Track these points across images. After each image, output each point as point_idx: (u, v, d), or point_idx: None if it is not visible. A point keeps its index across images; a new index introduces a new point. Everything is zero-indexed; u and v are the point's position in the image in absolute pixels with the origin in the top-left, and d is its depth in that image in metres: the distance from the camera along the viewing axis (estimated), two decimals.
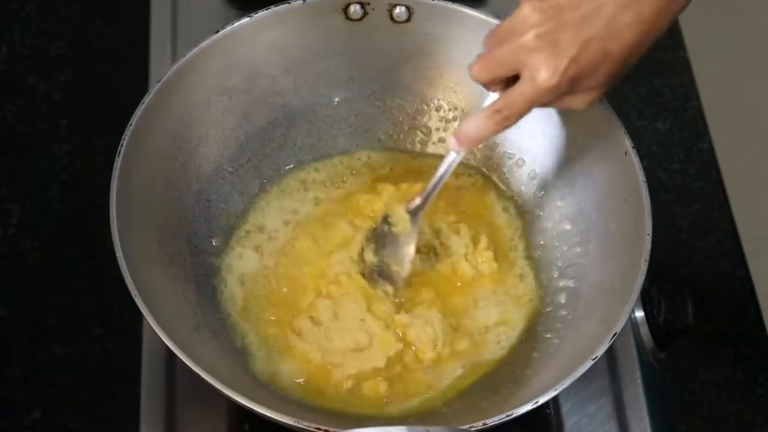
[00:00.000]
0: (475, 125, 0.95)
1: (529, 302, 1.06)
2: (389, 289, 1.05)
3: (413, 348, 1.02)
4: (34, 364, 1.11)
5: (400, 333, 1.02)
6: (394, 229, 1.05)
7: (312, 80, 1.11)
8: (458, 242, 1.07)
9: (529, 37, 0.90)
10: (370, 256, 1.05)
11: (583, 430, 1.03)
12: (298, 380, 1.00)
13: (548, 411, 1.01)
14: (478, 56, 0.94)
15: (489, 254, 1.07)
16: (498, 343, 1.03)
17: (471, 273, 1.06)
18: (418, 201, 1.04)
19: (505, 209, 1.11)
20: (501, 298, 1.06)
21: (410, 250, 1.05)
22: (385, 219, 1.05)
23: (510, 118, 0.94)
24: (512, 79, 0.93)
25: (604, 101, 1.04)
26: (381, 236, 1.05)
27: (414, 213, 1.04)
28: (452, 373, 1.01)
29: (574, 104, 0.95)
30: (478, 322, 1.04)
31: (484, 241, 1.07)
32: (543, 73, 0.90)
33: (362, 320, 1.02)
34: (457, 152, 0.99)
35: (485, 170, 1.13)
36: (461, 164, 1.05)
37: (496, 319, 1.04)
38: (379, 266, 1.05)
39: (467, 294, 1.06)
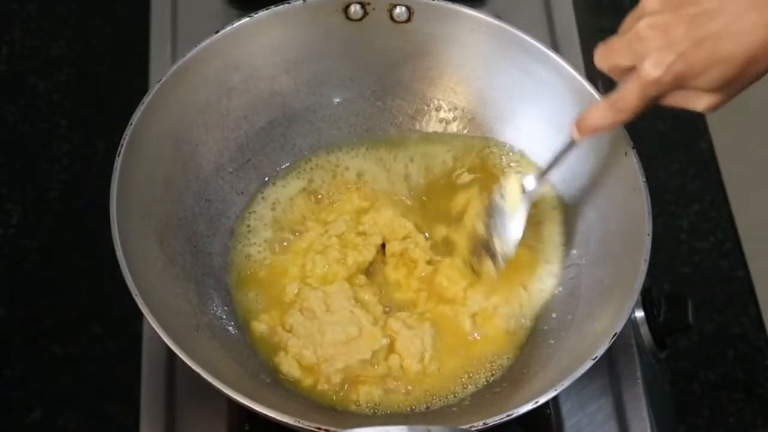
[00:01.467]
0: (594, 115, 0.95)
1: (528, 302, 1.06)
2: (490, 265, 1.03)
3: (399, 357, 1.02)
4: (34, 364, 1.11)
5: (389, 335, 1.02)
6: (504, 204, 1.03)
7: (312, 80, 1.11)
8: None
9: (643, 24, 0.88)
10: (480, 228, 1.04)
11: (583, 430, 1.03)
12: (292, 376, 1.00)
13: (548, 411, 1.01)
14: (602, 43, 0.92)
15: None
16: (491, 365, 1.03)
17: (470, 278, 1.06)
18: (532, 180, 1.02)
19: None
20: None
21: (518, 228, 1.02)
22: (500, 190, 1.04)
23: (624, 110, 0.92)
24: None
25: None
26: (492, 209, 1.04)
27: (525, 190, 1.03)
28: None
29: (692, 105, 0.91)
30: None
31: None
32: (647, 63, 0.87)
33: (351, 312, 1.02)
34: (577, 140, 0.98)
35: (486, 174, 1.13)
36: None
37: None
38: (486, 240, 1.03)
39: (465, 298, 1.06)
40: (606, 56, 0.92)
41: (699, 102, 0.90)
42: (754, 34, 0.84)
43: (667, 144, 1.28)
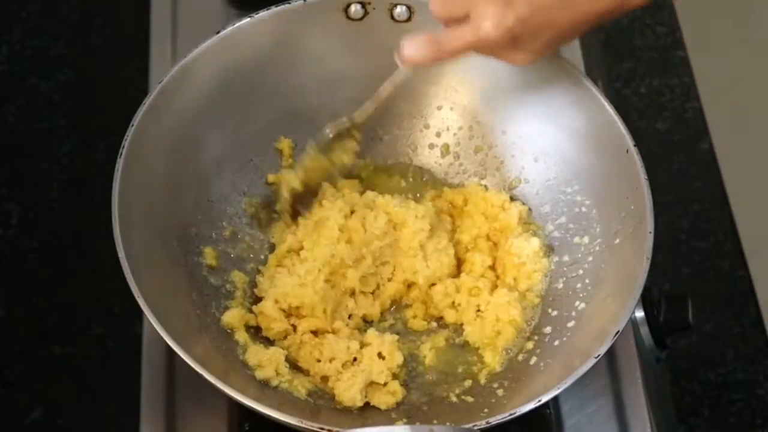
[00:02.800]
0: (413, 47, 0.97)
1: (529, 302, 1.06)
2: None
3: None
4: (34, 364, 1.11)
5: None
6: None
7: (313, 80, 1.11)
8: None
9: None
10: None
11: (583, 430, 1.03)
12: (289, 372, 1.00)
13: (548, 411, 1.01)
14: None
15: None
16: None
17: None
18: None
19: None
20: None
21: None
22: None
23: (445, 52, 0.95)
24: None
25: (605, 99, 1.04)
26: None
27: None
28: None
29: (511, 59, 0.95)
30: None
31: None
32: (487, 23, 0.91)
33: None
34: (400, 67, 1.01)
35: (485, 173, 1.13)
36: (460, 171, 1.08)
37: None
38: None
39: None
40: (443, 6, 0.95)
41: (517, 58, 0.95)
42: (582, 7, 0.91)
43: (667, 144, 1.28)
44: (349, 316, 1.05)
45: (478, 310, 1.05)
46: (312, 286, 1.03)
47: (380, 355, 1.01)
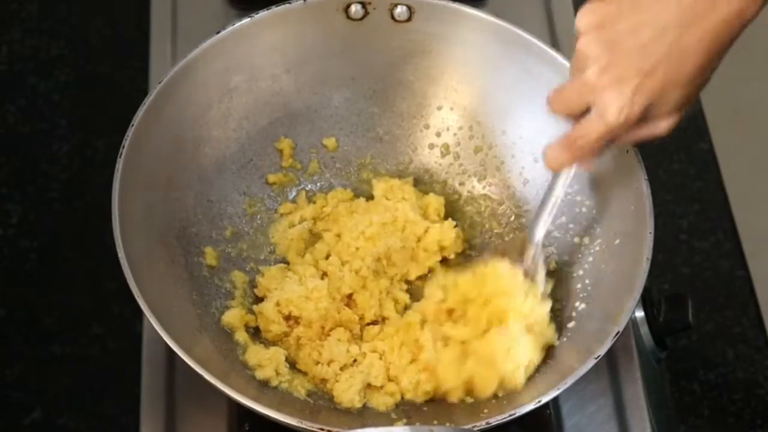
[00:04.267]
0: (553, 154, 0.95)
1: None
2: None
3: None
4: (34, 364, 1.11)
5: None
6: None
7: (313, 80, 1.11)
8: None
9: (590, 73, 0.88)
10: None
11: (583, 430, 1.03)
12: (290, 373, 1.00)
13: (548, 411, 1.01)
14: (554, 89, 0.93)
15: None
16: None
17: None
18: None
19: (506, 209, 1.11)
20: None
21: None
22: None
23: (584, 148, 0.92)
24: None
25: None
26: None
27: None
28: None
29: (656, 132, 0.92)
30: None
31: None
32: (611, 110, 0.88)
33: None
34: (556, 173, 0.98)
35: (485, 173, 1.13)
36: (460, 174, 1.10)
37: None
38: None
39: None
40: (561, 104, 0.93)
41: (659, 128, 0.91)
42: (696, 54, 0.86)
43: (667, 144, 1.28)
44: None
45: None
46: (315, 303, 1.03)
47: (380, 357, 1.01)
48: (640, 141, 0.94)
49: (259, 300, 1.05)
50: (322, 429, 0.89)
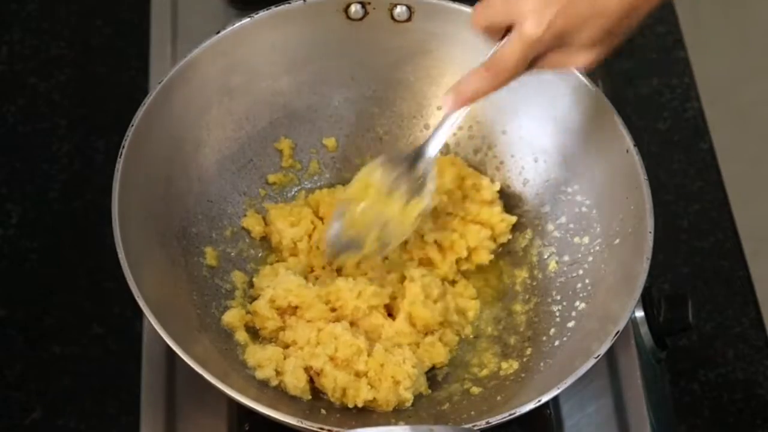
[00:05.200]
0: (468, 82, 0.94)
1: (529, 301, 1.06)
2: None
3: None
4: (34, 364, 1.11)
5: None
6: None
7: (313, 80, 1.11)
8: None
9: None
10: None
11: (583, 430, 1.03)
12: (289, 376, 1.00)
13: (548, 411, 1.01)
14: (478, 3, 0.93)
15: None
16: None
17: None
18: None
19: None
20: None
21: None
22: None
23: (501, 73, 0.92)
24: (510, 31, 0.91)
25: (605, 99, 1.04)
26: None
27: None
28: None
29: (573, 62, 0.92)
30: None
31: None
32: (529, 22, 0.88)
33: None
34: (452, 112, 0.98)
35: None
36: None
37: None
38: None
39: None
40: (484, 15, 0.92)
41: (578, 58, 0.91)
42: None
43: (667, 144, 1.28)
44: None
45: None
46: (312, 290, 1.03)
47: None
48: (558, 68, 0.94)
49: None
50: (322, 429, 0.89)
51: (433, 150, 1.01)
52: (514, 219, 1.09)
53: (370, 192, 1.02)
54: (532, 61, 0.92)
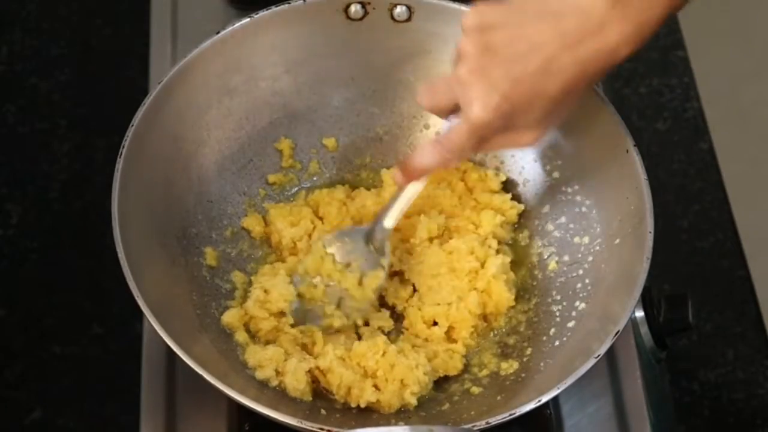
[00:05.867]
0: (422, 156, 0.97)
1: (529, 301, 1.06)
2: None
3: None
4: (34, 364, 1.11)
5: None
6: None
7: (313, 80, 1.11)
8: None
9: (463, 70, 0.91)
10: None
11: (583, 430, 1.03)
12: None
13: (548, 411, 1.01)
14: (425, 83, 0.96)
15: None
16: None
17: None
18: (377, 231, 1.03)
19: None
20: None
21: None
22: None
23: (452, 151, 0.95)
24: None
25: (605, 99, 1.04)
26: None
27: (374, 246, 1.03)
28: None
29: (518, 142, 0.95)
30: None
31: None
32: (475, 108, 0.90)
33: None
34: (400, 184, 1.00)
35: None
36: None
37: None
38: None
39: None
40: (430, 98, 0.96)
41: (523, 138, 0.94)
42: (568, 72, 0.89)
43: (667, 144, 1.28)
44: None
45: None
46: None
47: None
48: (505, 149, 0.98)
49: None
50: (322, 429, 0.89)
51: (389, 222, 1.03)
52: (522, 206, 1.09)
53: (326, 265, 1.03)
54: (480, 143, 0.94)
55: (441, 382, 1.02)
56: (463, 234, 1.07)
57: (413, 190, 1.01)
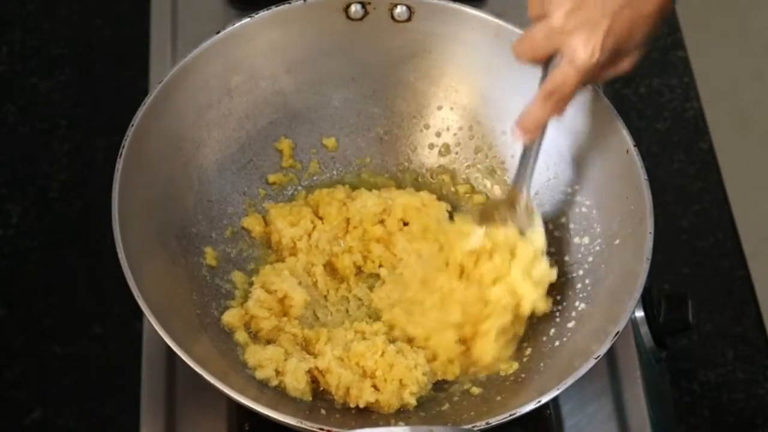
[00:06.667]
0: (531, 113, 0.97)
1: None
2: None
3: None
4: (34, 364, 1.11)
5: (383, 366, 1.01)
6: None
7: (313, 80, 1.11)
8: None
9: (558, 17, 0.91)
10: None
11: (583, 430, 1.03)
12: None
13: (548, 411, 1.01)
14: (520, 35, 0.96)
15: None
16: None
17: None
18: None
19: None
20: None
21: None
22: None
23: (563, 99, 0.95)
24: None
25: (605, 99, 1.04)
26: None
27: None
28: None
29: (620, 70, 0.95)
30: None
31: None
32: (581, 53, 0.91)
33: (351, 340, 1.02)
34: (527, 142, 1.00)
35: (484, 171, 1.13)
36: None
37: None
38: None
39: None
40: (528, 51, 0.96)
41: (625, 64, 0.95)
42: None
43: (667, 144, 1.28)
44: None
45: None
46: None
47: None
48: (607, 79, 0.97)
49: None
50: (322, 429, 0.89)
51: (528, 187, 1.02)
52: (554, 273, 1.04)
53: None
54: (588, 81, 0.95)
55: (441, 383, 1.02)
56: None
57: (536, 148, 1.01)
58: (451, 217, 1.10)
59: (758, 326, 1.17)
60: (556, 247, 1.07)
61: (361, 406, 0.98)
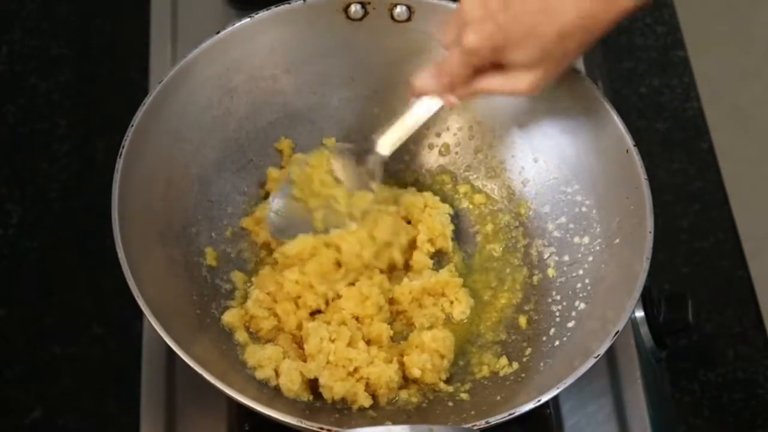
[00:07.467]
0: (419, 78, 1.02)
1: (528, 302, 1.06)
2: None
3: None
4: (34, 364, 1.11)
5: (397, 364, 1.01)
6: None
7: (313, 80, 1.11)
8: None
9: (465, 2, 0.94)
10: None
11: (583, 430, 1.03)
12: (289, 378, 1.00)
13: (548, 411, 1.01)
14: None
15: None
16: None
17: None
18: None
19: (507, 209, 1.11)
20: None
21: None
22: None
23: (447, 74, 0.99)
24: None
25: (605, 99, 1.04)
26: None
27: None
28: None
29: (517, 86, 0.97)
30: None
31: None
32: (469, 33, 0.94)
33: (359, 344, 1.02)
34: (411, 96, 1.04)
35: (484, 171, 1.13)
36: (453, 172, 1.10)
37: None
38: None
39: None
40: (444, 34, 0.99)
41: (519, 82, 0.96)
42: (567, 15, 0.91)
43: (667, 144, 1.28)
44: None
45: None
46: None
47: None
48: (502, 92, 0.98)
49: None
50: (322, 429, 0.89)
51: (384, 149, 1.06)
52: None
53: (323, 168, 1.06)
54: (475, 78, 0.97)
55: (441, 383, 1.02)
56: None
57: (411, 120, 1.04)
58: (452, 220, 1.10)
59: (758, 326, 1.17)
60: (557, 247, 1.07)
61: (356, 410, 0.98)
